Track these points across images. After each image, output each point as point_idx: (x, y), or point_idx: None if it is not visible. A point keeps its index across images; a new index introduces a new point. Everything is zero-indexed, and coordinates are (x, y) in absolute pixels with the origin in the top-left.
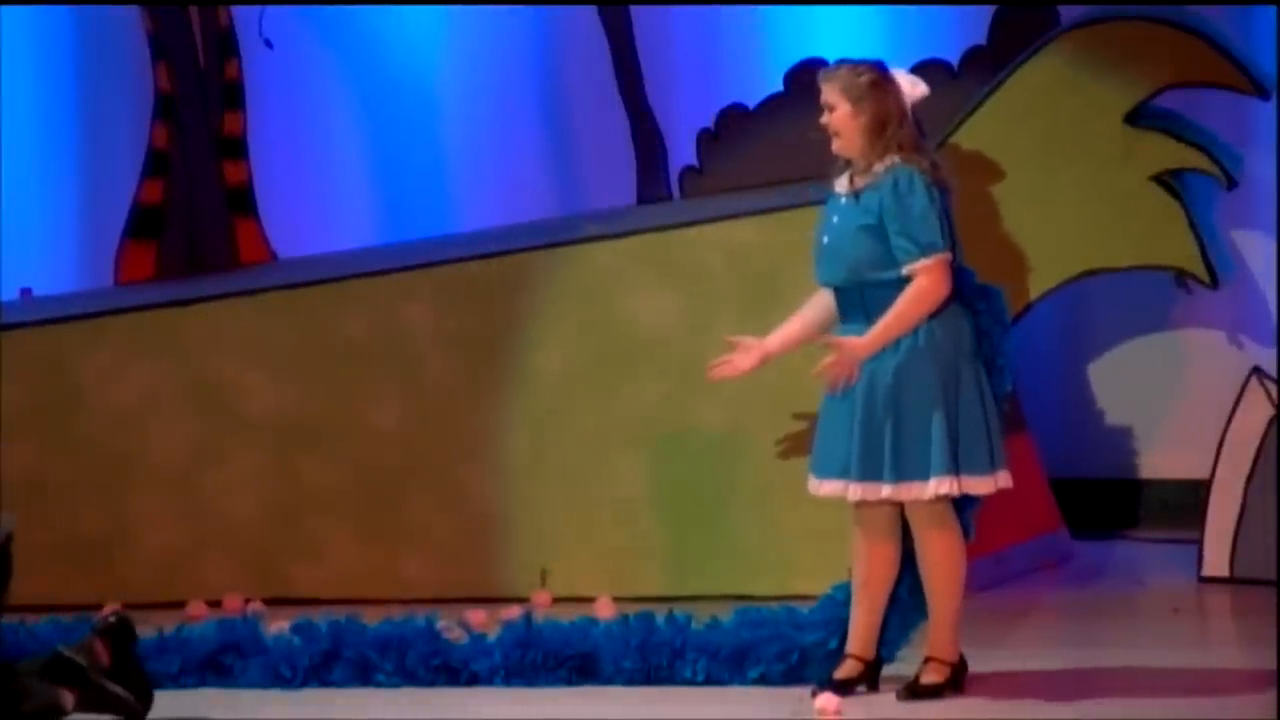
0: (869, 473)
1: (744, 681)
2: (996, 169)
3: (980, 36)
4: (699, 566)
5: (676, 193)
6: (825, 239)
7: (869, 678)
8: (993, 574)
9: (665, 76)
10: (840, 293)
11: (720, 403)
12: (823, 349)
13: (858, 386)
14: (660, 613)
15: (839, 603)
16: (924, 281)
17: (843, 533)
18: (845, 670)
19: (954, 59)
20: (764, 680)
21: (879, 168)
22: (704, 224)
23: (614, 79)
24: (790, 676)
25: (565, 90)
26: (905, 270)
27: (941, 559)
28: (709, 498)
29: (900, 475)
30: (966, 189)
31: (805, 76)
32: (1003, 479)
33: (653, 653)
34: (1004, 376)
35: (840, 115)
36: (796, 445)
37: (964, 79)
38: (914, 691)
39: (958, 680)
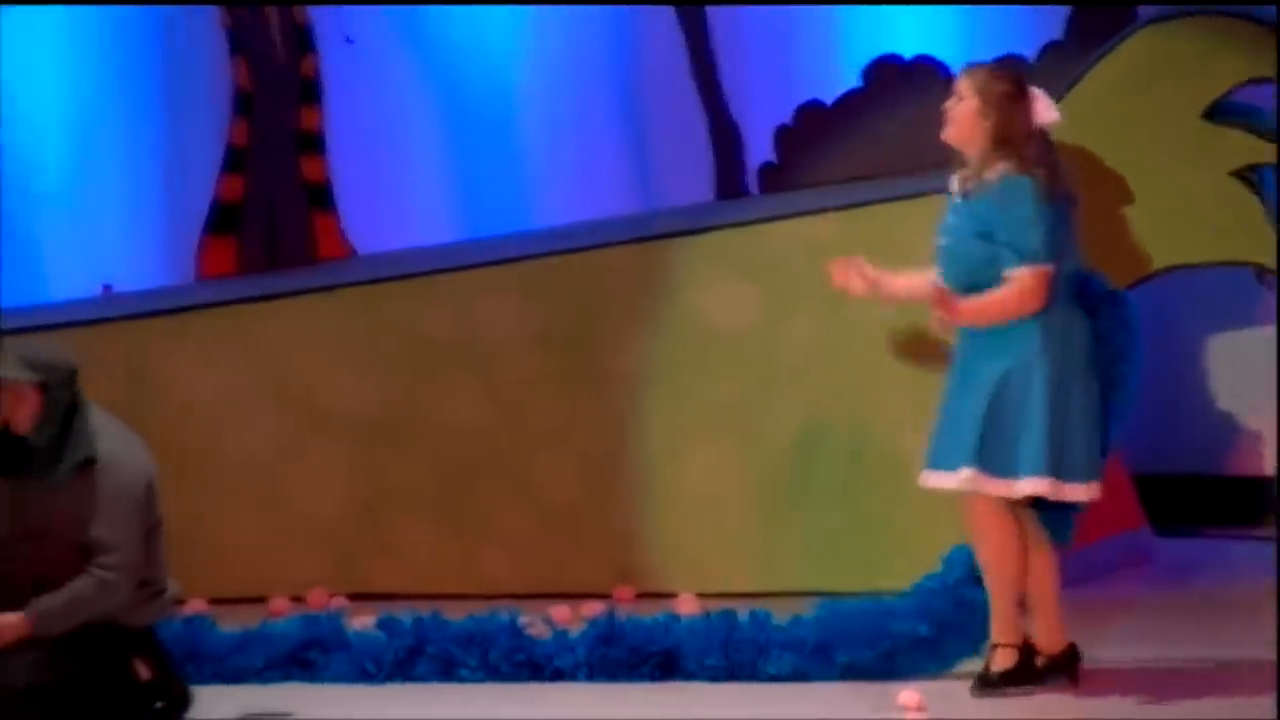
0: (984, 464)
1: (832, 673)
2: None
3: (1057, 32)
4: (781, 562)
5: (755, 189)
6: (942, 240)
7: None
8: (1073, 571)
9: (742, 74)
10: (962, 293)
11: (799, 398)
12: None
13: (973, 382)
14: (742, 609)
15: (931, 591)
16: (1017, 287)
17: (925, 527)
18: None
19: (1031, 55)
20: (853, 670)
21: (990, 175)
22: (784, 219)
23: (691, 76)
24: (880, 665)
25: (643, 87)
26: (1006, 275)
27: (994, 545)
28: (789, 493)
29: (995, 469)
30: None
31: (882, 73)
32: (1095, 489)
33: (735, 649)
34: (1126, 383)
35: (965, 109)
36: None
37: (1041, 75)
38: (985, 681)
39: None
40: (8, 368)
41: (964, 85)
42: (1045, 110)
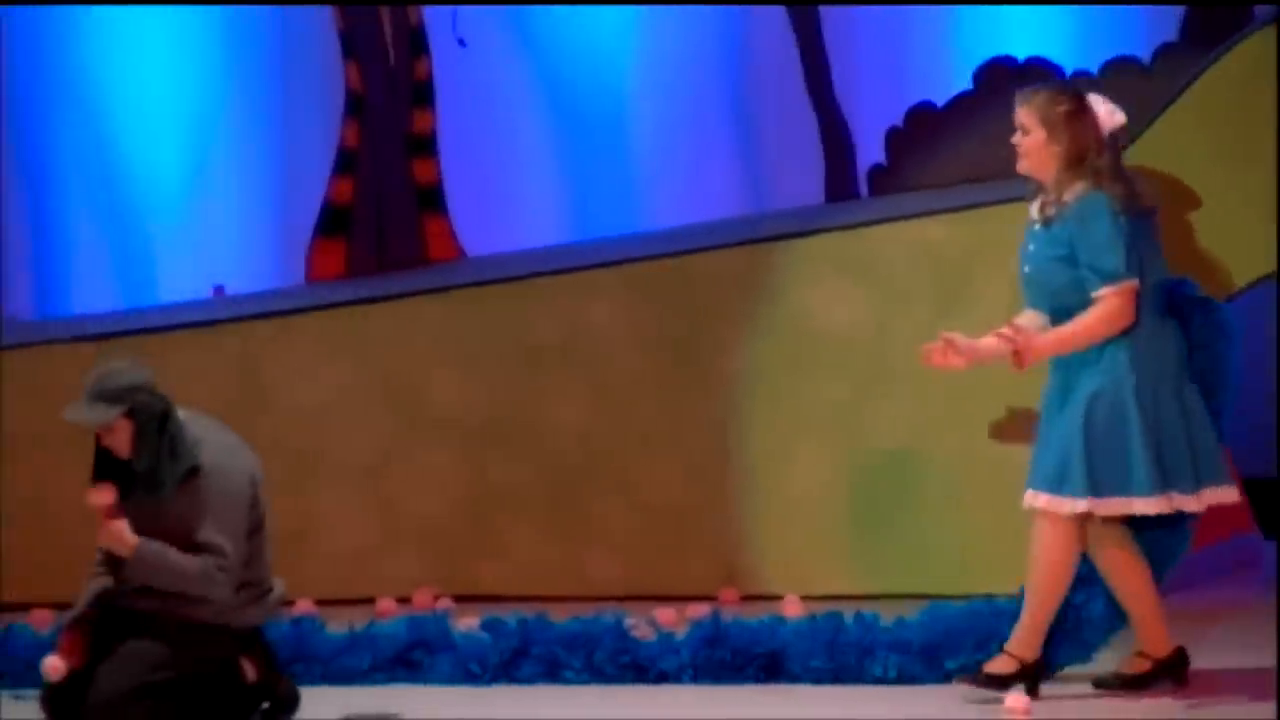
0: (1096, 490)
1: (938, 676)
2: (1187, 168)
3: (1171, 33)
4: (885, 565)
5: (865, 191)
6: (1026, 268)
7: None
8: (1181, 576)
9: (853, 75)
10: (1050, 317)
11: (905, 401)
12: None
13: (1068, 399)
14: (847, 611)
15: None
16: (1103, 308)
17: (1029, 532)
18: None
19: (1145, 56)
20: (963, 672)
21: (1068, 197)
22: (894, 221)
23: (802, 78)
24: None
25: (754, 89)
26: (1093, 297)
27: (1052, 564)
28: (894, 496)
29: (1106, 492)
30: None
31: (995, 75)
32: (1210, 495)
33: (841, 651)
34: (1225, 388)
35: (1033, 141)
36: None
37: (1157, 76)
38: (974, 677)
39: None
40: (91, 412)
41: (1025, 117)
42: (1109, 115)
